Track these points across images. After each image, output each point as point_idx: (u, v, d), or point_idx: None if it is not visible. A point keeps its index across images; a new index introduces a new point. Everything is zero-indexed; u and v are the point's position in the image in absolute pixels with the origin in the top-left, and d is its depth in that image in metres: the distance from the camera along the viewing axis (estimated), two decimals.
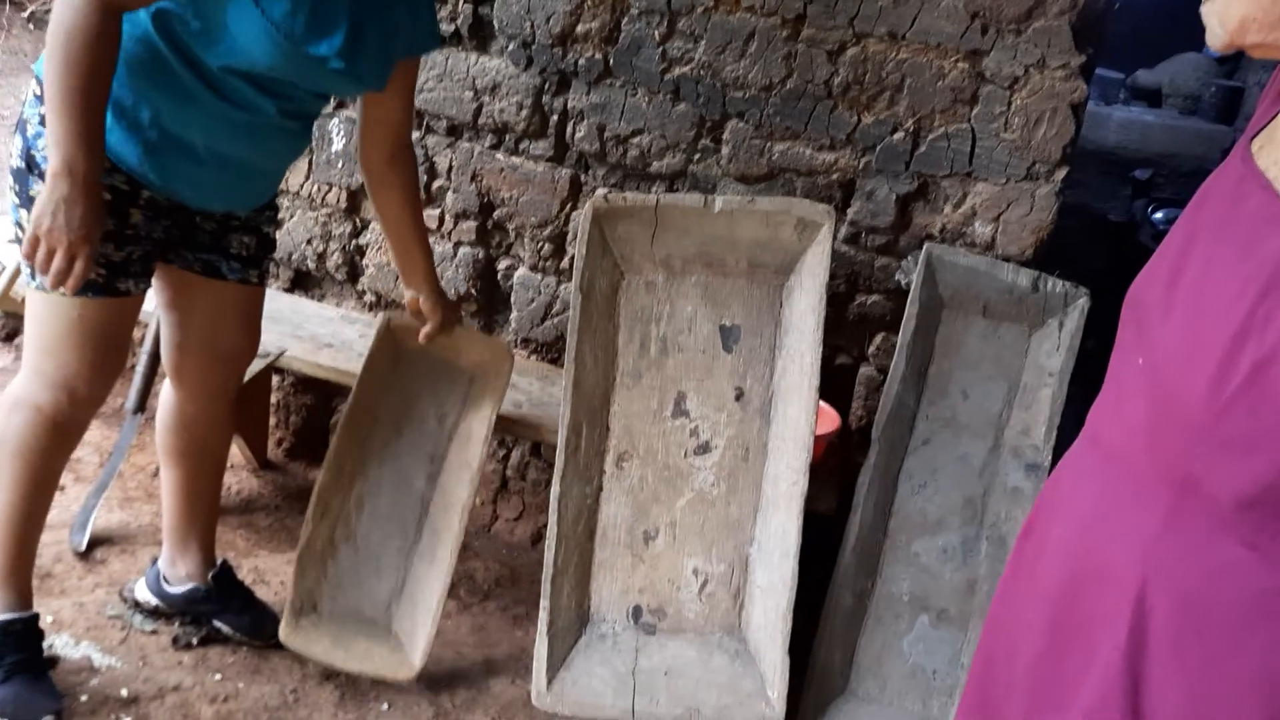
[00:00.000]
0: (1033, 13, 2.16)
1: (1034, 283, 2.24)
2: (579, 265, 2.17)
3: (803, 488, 2.12)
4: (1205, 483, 0.92)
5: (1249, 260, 0.89)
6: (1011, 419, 2.29)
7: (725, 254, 2.21)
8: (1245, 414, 0.87)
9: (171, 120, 1.71)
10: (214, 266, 1.96)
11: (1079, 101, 2.20)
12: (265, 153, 1.87)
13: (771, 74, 2.35)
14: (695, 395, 2.24)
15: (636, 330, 2.25)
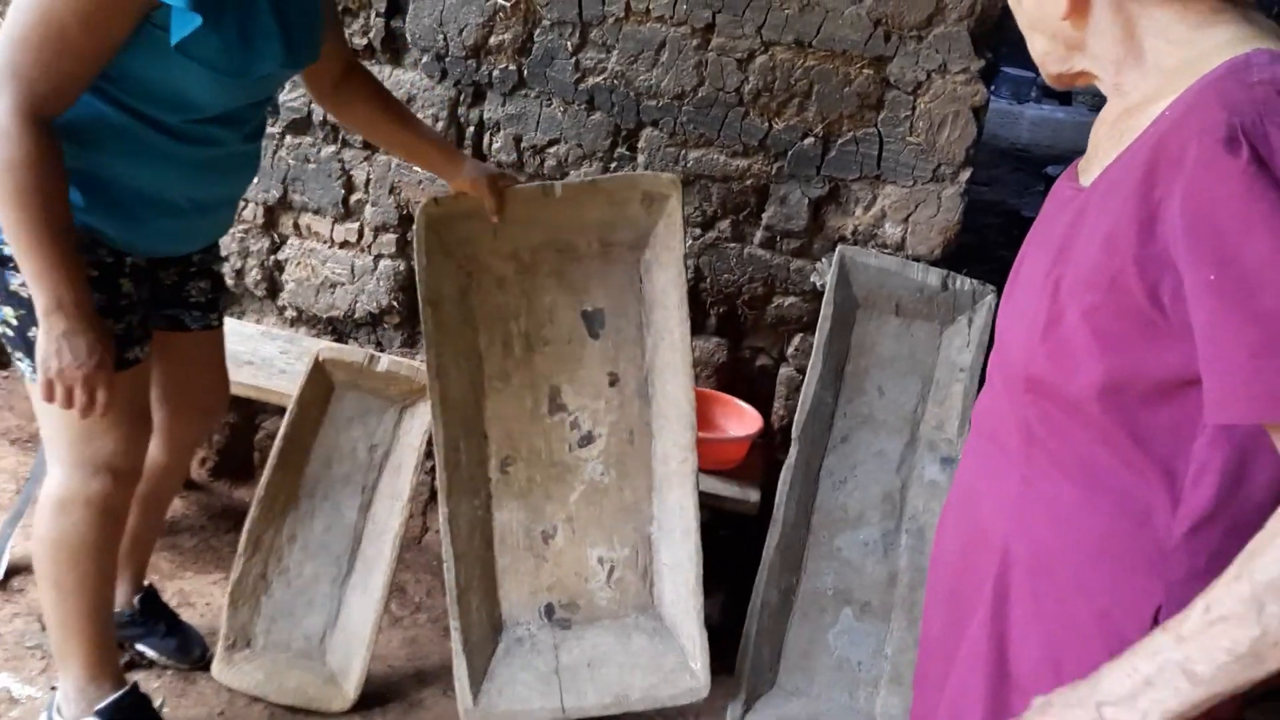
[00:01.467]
0: (933, 20, 2.22)
1: (943, 281, 2.31)
2: (421, 275, 2.08)
3: (693, 464, 2.12)
4: (1036, 431, 1.00)
5: (1051, 237, 1.00)
6: (926, 414, 2.36)
7: (575, 238, 2.16)
8: (1046, 362, 0.96)
9: (149, 184, 1.67)
10: (177, 320, 1.94)
11: (980, 105, 2.27)
12: (236, 182, 1.86)
13: (683, 82, 2.39)
14: (569, 387, 2.22)
15: (496, 331, 2.18)
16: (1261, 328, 0.80)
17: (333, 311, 2.74)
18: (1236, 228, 0.80)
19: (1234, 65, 0.86)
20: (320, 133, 2.61)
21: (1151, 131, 0.89)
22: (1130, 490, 0.93)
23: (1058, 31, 0.99)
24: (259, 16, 1.59)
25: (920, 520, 2.31)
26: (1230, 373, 0.82)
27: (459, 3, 2.43)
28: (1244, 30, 0.91)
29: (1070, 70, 1.03)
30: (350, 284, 2.71)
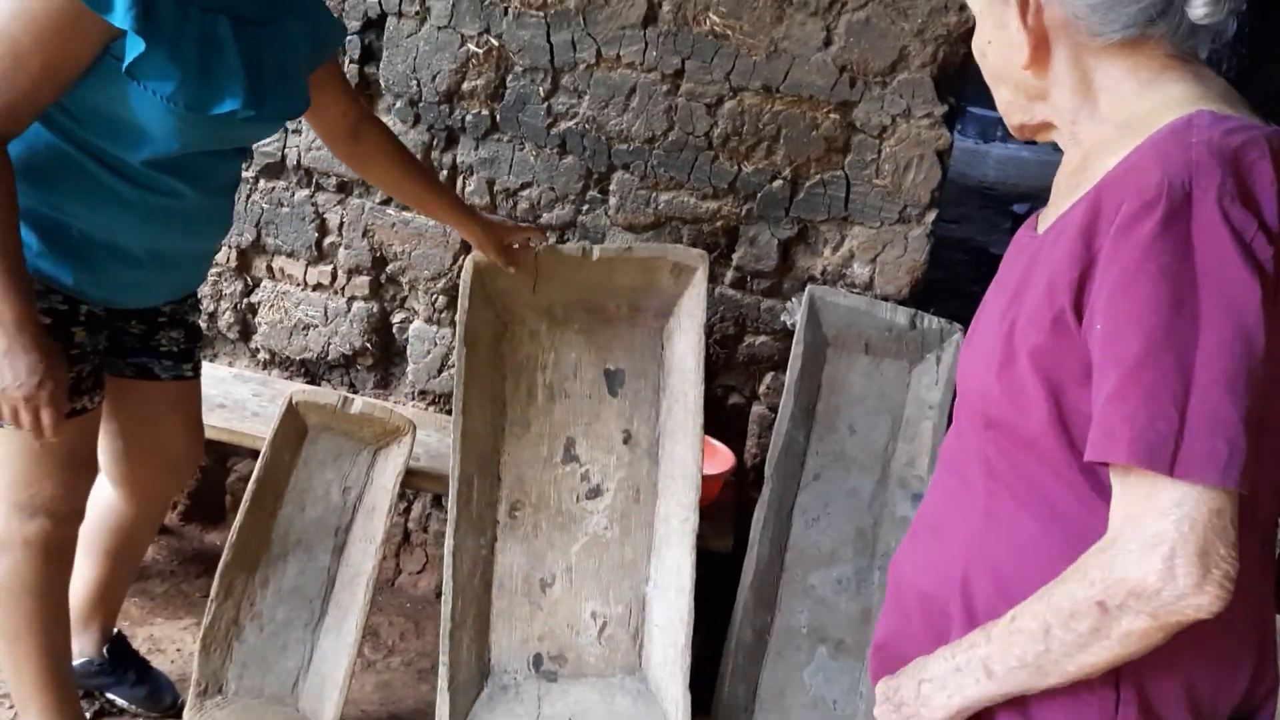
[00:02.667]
0: (896, 66, 2.28)
1: (911, 320, 2.35)
2: (462, 318, 2.20)
3: (694, 524, 2.17)
4: (996, 467, 1.03)
5: (1008, 281, 1.03)
6: (897, 451, 2.39)
7: (606, 300, 2.27)
8: (1002, 400, 0.99)
9: (102, 229, 1.63)
10: (146, 369, 1.89)
11: (944, 148, 2.32)
12: (200, 237, 1.82)
13: (654, 127, 2.43)
14: (584, 440, 2.29)
15: (523, 379, 2.29)
16: (1115, 374, 0.85)
17: (306, 354, 2.75)
18: (1125, 281, 0.85)
19: (1177, 126, 0.90)
20: (294, 176, 2.63)
21: (1098, 185, 0.93)
22: (1085, 524, 0.96)
23: (1020, 81, 1.03)
24: (223, 53, 1.56)
25: (892, 557, 2.33)
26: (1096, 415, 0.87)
27: (432, 49, 2.46)
28: (1193, 89, 0.95)
29: (1032, 120, 1.07)
30: (323, 326, 2.72)
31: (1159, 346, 0.83)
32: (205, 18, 1.53)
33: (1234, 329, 0.82)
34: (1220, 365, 0.82)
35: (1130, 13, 0.94)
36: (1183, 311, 0.83)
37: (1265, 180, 0.85)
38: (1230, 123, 0.89)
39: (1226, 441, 0.81)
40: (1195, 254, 0.83)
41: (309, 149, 2.58)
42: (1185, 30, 0.95)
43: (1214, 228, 0.83)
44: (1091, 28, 0.96)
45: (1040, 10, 0.98)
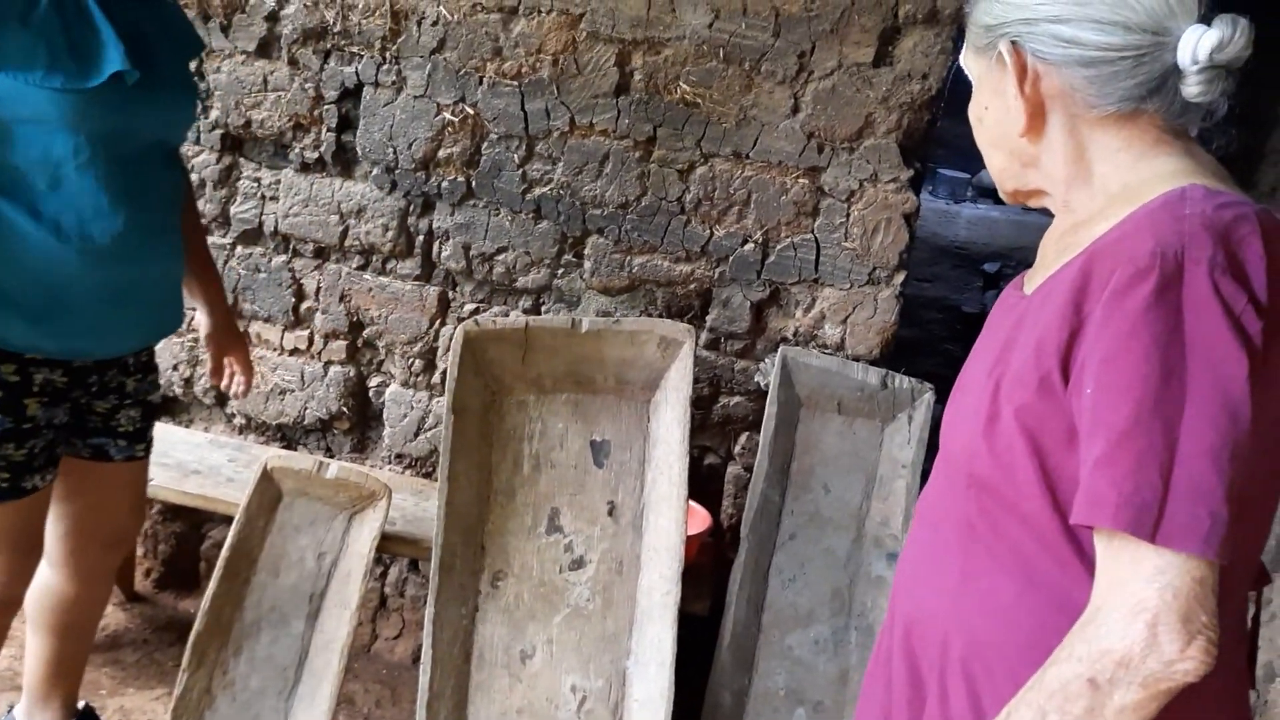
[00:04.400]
0: (863, 132, 2.33)
1: (882, 380, 2.38)
2: (450, 387, 2.22)
3: (676, 597, 2.17)
4: (976, 526, 1.04)
5: (995, 340, 1.05)
6: (871, 510, 2.40)
7: (594, 372, 2.30)
8: (987, 459, 1.00)
9: (39, 272, 1.54)
10: (102, 450, 1.83)
11: (910, 211, 2.37)
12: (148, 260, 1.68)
13: (627, 192, 2.47)
14: (568, 511, 2.29)
15: (509, 448, 2.30)
16: (1103, 440, 0.86)
17: (282, 418, 2.75)
18: (1116, 349, 0.86)
19: (1170, 198, 0.92)
20: (271, 242, 2.66)
21: (1089, 249, 0.95)
22: (1063, 587, 0.96)
23: (1015, 148, 1.05)
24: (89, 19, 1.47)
25: (869, 617, 2.33)
26: (1083, 480, 0.89)
27: (408, 118, 2.50)
28: (1184, 163, 0.97)
29: (1025, 187, 1.09)
30: (300, 391, 2.72)
31: (1148, 415, 0.84)
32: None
33: (1221, 402, 0.83)
34: (1207, 437, 0.83)
35: (1126, 87, 0.96)
36: (1172, 382, 0.84)
37: (1255, 255, 0.87)
38: (1222, 198, 0.91)
39: (1210, 512, 0.83)
40: (1186, 325, 0.85)
41: (286, 215, 2.61)
42: (1178, 106, 0.97)
43: (1205, 300, 0.85)
44: (1088, 99, 0.98)
45: (1038, 80, 0.99)
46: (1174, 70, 0.94)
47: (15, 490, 1.61)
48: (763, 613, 2.36)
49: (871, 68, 2.29)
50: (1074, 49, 0.96)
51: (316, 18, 2.47)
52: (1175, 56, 0.93)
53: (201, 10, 2.50)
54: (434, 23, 2.44)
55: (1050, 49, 0.97)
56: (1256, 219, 0.89)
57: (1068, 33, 0.96)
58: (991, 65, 1.03)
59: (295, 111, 2.55)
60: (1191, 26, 0.93)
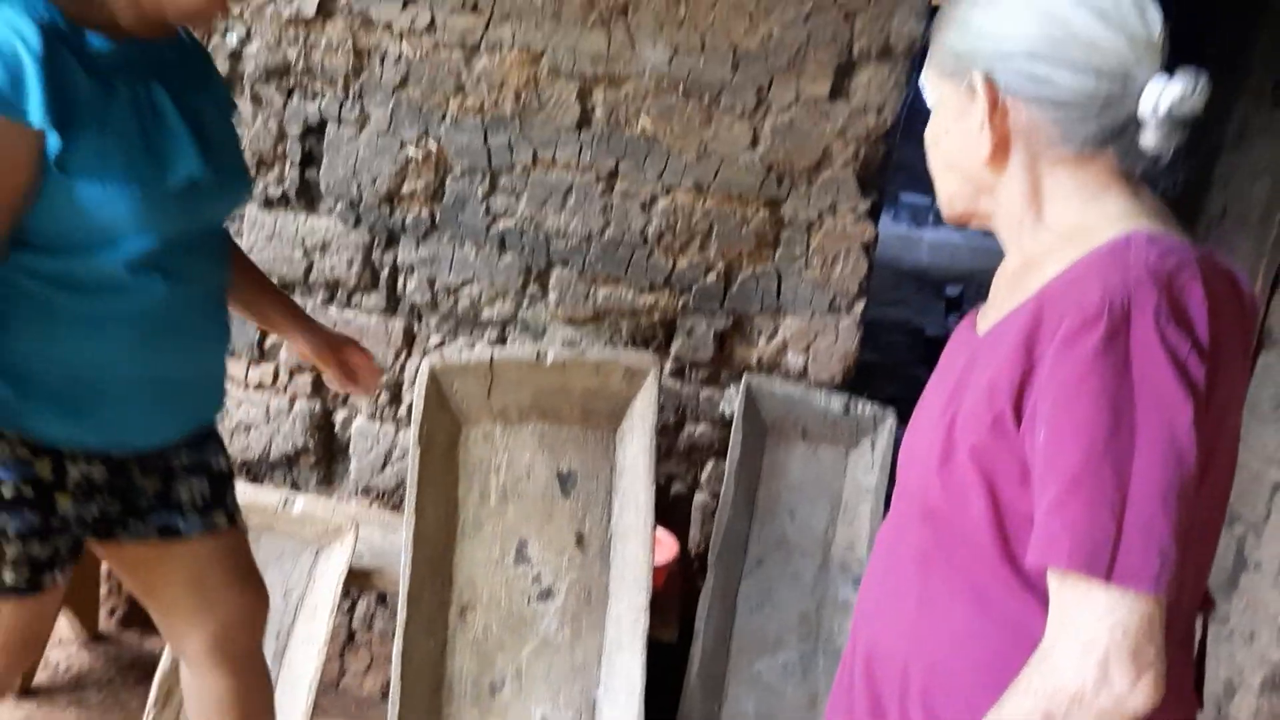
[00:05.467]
0: (821, 164, 2.38)
1: (845, 407, 2.41)
2: (417, 420, 2.23)
3: (644, 626, 2.19)
4: (932, 557, 1.06)
5: (949, 377, 1.07)
6: (837, 536, 2.43)
7: (560, 403, 2.31)
8: (941, 493, 1.02)
9: (85, 364, 1.46)
10: (170, 527, 1.65)
11: (869, 241, 2.41)
12: (198, 349, 1.61)
13: (591, 224, 2.50)
14: (536, 541, 2.30)
15: (476, 480, 2.31)
16: (1057, 483, 0.89)
17: (247, 454, 2.74)
18: (1067, 395, 0.89)
19: (1116, 245, 0.94)
20: None
21: (1041, 293, 0.97)
22: (1018, 619, 0.99)
23: (973, 174, 1.06)
24: (163, 120, 1.44)
25: (836, 642, 2.36)
26: (1038, 521, 0.92)
27: (372, 154, 2.52)
28: (1131, 206, 1.00)
29: (974, 211, 1.10)
30: (265, 425, 2.72)
31: (1098, 460, 0.87)
32: (136, 88, 1.42)
33: (1168, 445, 0.87)
34: (1155, 480, 0.87)
35: (1090, 130, 0.98)
36: (1121, 427, 0.87)
37: (1197, 301, 0.90)
38: (1165, 244, 0.93)
39: (1159, 552, 0.86)
40: (1133, 372, 0.88)
41: (250, 251, 2.61)
42: (1133, 152, 1.00)
43: (1151, 347, 0.88)
44: (1052, 138, 1.00)
45: (1007, 113, 1.00)
46: (1134, 118, 0.97)
47: (34, 586, 1.51)
48: (731, 639, 2.38)
49: (828, 101, 2.34)
50: (1046, 88, 0.98)
51: (279, 56, 2.49)
52: (1137, 105, 0.96)
53: None
54: (396, 60, 2.46)
55: (1022, 85, 0.99)
56: (1197, 265, 0.92)
57: (1042, 72, 0.97)
58: (958, 91, 1.04)
59: (259, 148, 2.56)
60: (1155, 77, 0.95)
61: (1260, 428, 2.59)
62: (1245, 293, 0.99)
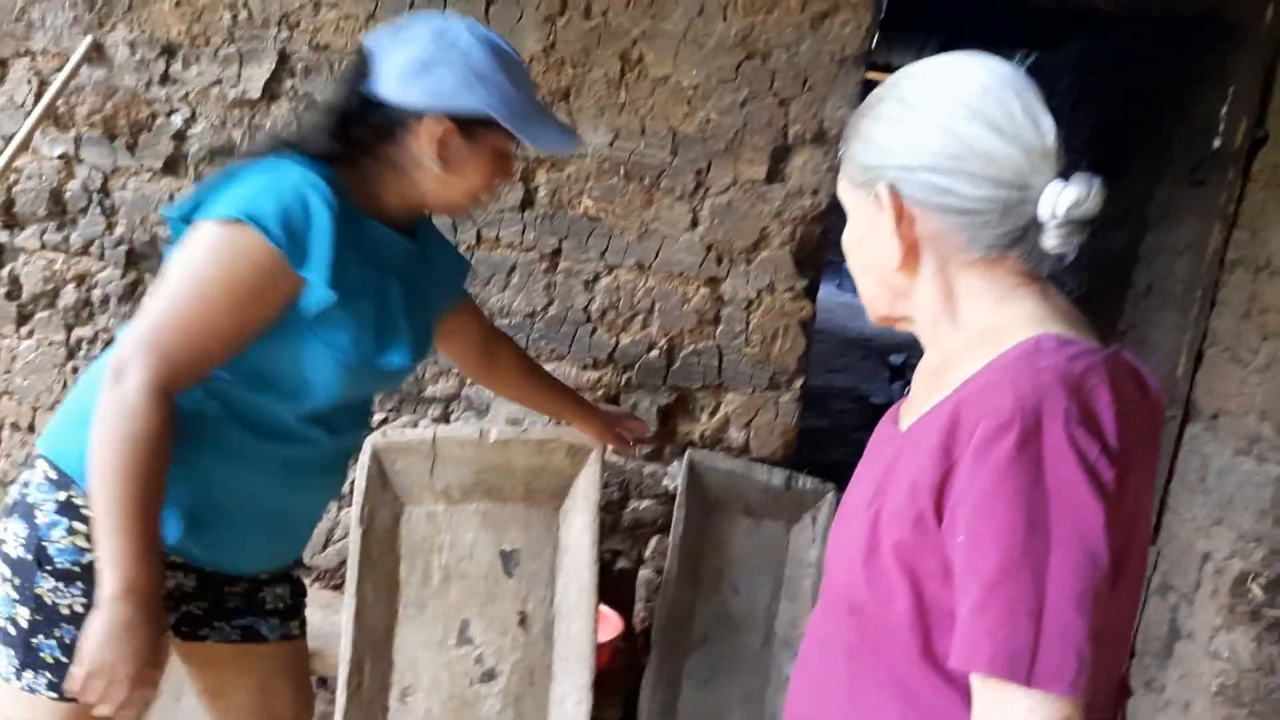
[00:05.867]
0: (759, 245, 2.43)
1: (786, 482, 2.44)
2: (359, 500, 2.21)
3: (588, 706, 2.17)
4: (859, 651, 1.07)
5: (874, 472, 1.10)
6: (780, 611, 2.44)
7: (503, 481, 2.31)
8: (866, 589, 1.04)
9: (220, 487, 1.50)
10: (253, 631, 1.68)
11: (806, 319, 2.47)
12: (322, 494, 1.68)
13: (534, 302, 2.53)
14: (479, 622, 2.29)
15: (418, 560, 2.29)
16: (976, 588, 0.92)
17: None
18: (984, 500, 0.92)
19: (1026, 348, 0.98)
20: None
21: (957, 395, 1.00)
22: (943, 713, 1.00)
23: (887, 280, 1.09)
24: (392, 309, 1.51)
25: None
26: (959, 625, 0.93)
27: None
28: (1040, 308, 1.03)
29: (894, 314, 1.14)
30: None
31: (1016, 565, 0.90)
32: (382, 278, 1.50)
33: (1081, 550, 0.89)
34: (1070, 584, 0.89)
35: (994, 235, 1.02)
36: (1036, 531, 0.90)
37: (1105, 404, 0.93)
38: (1073, 348, 0.97)
39: (1076, 655, 0.88)
40: (1046, 476, 0.90)
41: None
42: (1037, 254, 1.03)
43: (1062, 453, 0.90)
44: (958, 244, 1.03)
45: (914, 221, 1.04)
46: (1035, 222, 1.01)
47: None
48: (676, 716, 2.36)
49: (765, 184, 2.40)
50: (948, 198, 1.01)
51: (224, 136, 2.51)
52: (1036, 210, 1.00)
53: (107, 130, 2.53)
54: None
55: (926, 195, 1.02)
56: (1105, 367, 0.96)
57: (943, 183, 1.01)
58: (867, 200, 1.08)
59: None
60: (1051, 183, 0.99)
61: (1189, 498, 2.65)
62: (1152, 391, 1.02)
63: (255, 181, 1.37)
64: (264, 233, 1.32)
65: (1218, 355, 2.63)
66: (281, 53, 2.49)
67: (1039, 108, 1.00)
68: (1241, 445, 2.46)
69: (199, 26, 2.49)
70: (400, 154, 1.45)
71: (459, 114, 1.41)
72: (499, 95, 1.42)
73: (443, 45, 1.42)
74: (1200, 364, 2.71)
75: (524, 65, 1.49)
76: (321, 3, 2.47)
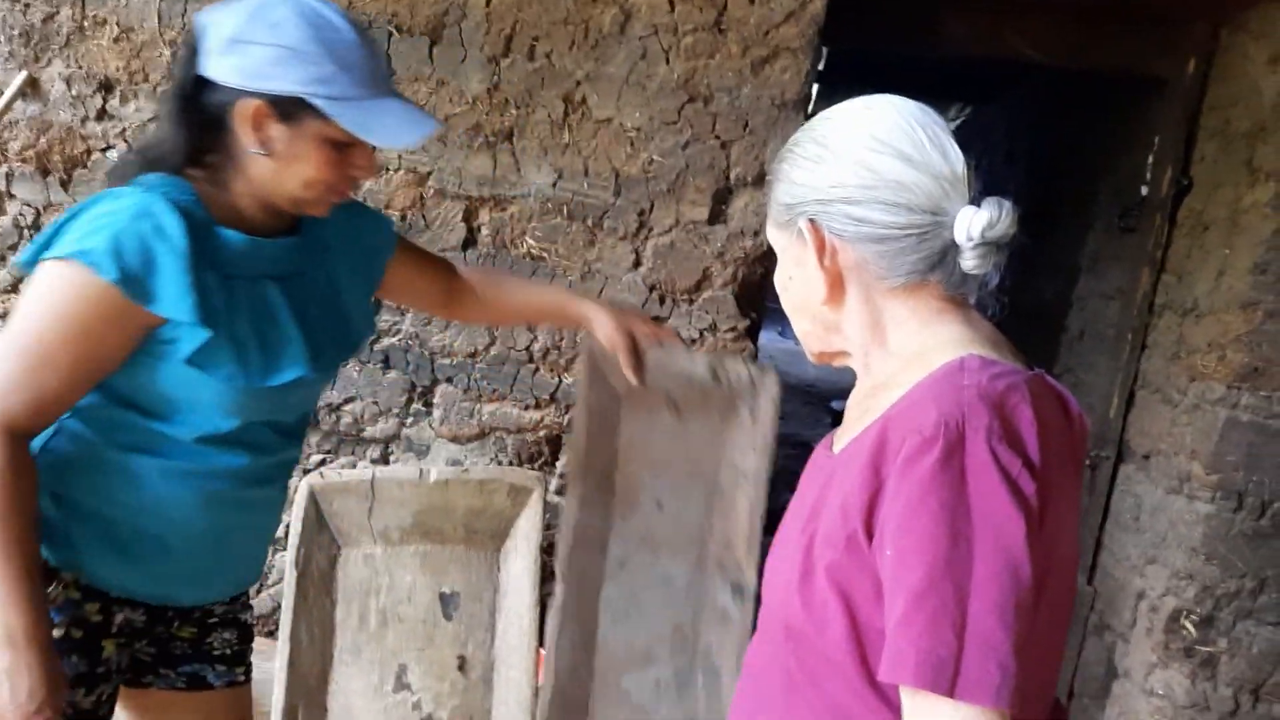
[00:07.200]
0: (701, 285, 2.45)
1: (712, 372, 1.87)
2: (294, 542, 2.17)
3: None
4: (795, 677, 1.08)
5: (807, 497, 1.11)
6: (714, 529, 1.95)
7: (443, 523, 2.28)
8: (801, 613, 1.04)
9: (139, 515, 1.45)
10: (199, 677, 1.64)
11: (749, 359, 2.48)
12: (263, 514, 1.61)
13: (476, 342, 2.52)
14: (417, 666, 2.24)
15: (355, 604, 2.25)
16: (902, 601, 0.93)
17: None
18: (909, 514, 0.93)
19: (951, 368, 1.00)
20: None
21: (886, 415, 1.02)
22: None
23: (818, 315, 1.12)
24: (277, 321, 1.44)
25: (714, 658, 1.94)
26: (889, 636, 0.94)
27: None
28: (964, 331, 1.06)
29: (829, 349, 1.16)
30: None
31: (940, 577, 0.91)
32: (254, 288, 1.42)
33: (1004, 562, 0.90)
34: (993, 595, 0.90)
35: (912, 260, 1.05)
36: (959, 545, 0.91)
37: (1027, 422, 0.95)
38: (996, 368, 0.99)
39: (999, 666, 0.89)
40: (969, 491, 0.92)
41: None
42: (958, 278, 1.06)
43: (984, 467, 0.92)
44: (879, 271, 1.06)
45: (835, 253, 1.07)
46: (952, 246, 1.05)
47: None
48: (595, 653, 1.98)
49: (707, 224, 2.42)
50: (865, 227, 1.05)
51: None
52: (952, 234, 1.04)
53: (40, 165, 2.48)
54: None
55: (844, 226, 1.06)
56: (1026, 387, 0.98)
57: (859, 213, 1.05)
58: (792, 239, 1.12)
59: None
60: (964, 208, 1.03)
61: (1123, 537, 2.70)
62: (1074, 413, 1.05)
63: (94, 215, 1.29)
64: (95, 268, 1.25)
65: (1148, 397, 2.70)
66: None
67: (946, 138, 1.04)
68: (1173, 484, 2.51)
69: (138, 63, 2.46)
70: (235, 144, 1.34)
71: (272, 95, 1.30)
72: (314, 74, 1.29)
73: (256, 19, 1.30)
74: (1131, 405, 2.77)
75: (362, 41, 1.34)
76: None
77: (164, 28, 2.45)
